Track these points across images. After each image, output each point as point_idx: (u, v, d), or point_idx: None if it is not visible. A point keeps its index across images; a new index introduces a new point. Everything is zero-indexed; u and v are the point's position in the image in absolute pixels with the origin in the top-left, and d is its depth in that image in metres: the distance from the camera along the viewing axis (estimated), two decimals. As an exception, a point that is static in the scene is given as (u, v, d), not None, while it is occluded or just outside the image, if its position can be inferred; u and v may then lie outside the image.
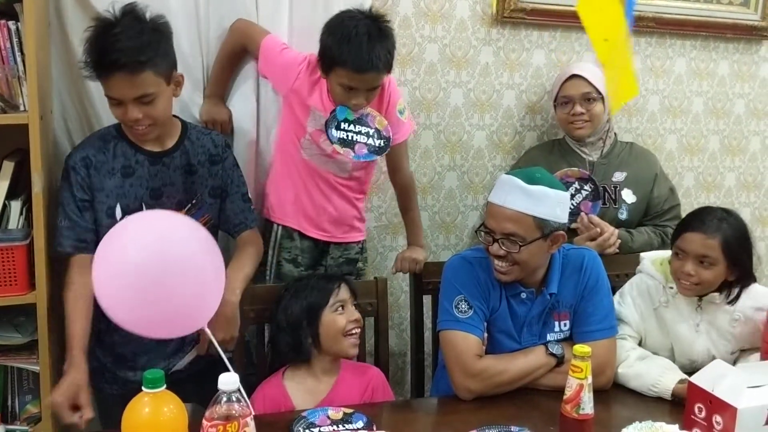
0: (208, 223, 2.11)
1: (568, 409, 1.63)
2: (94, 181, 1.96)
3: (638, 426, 1.57)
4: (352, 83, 2.15)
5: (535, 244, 1.89)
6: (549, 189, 1.90)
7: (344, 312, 1.98)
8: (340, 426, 1.74)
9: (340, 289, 2.00)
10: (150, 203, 2.01)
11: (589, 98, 2.55)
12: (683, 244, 2.00)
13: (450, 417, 1.85)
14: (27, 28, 1.89)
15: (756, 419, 1.55)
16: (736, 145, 3.24)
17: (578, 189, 2.50)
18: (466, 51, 2.74)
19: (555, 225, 1.91)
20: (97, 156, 1.97)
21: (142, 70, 1.83)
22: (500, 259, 1.92)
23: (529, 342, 2.00)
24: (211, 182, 2.10)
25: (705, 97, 3.14)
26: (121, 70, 1.81)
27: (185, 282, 1.64)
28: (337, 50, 2.11)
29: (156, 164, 2.01)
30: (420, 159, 2.77)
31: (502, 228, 1.90)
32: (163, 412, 1.37)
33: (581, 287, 2.01)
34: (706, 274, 1.97)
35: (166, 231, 1.71)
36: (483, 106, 2.81)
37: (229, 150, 2.18)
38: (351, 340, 1.97)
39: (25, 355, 2.06)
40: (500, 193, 1.92)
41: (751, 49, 3.15)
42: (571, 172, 2.51)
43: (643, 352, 2.05)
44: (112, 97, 1.88)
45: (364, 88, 2.17)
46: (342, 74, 2.13)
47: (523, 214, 1.88)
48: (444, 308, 2.00)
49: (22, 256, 1.97)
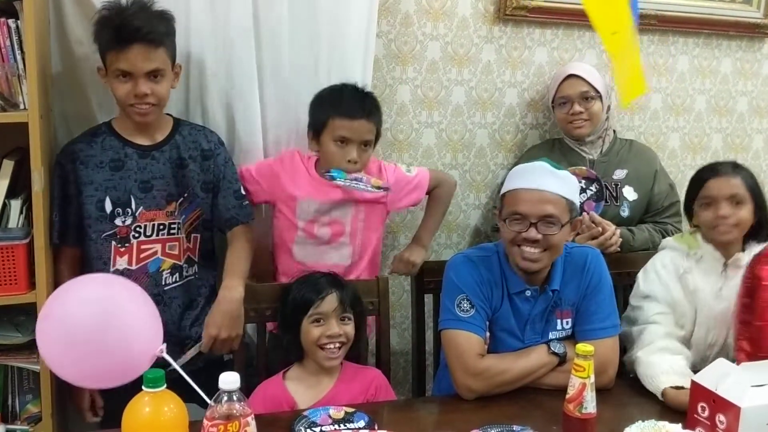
0: (200, 217, 2.15)
1: (571, 408, 1.63)
2: (81, 175, 2.02)
3: (641, 425, 1.56)
4: (346, 133, 2.19)
5: (567, 228, 1.92)
6: (570, 175, 1.97)
7: (322, 325, 1.94)
8: (341, 425, 1.73)
9: (324, 300, 1.95)
10: (140, 196, 2.06)
11: (587, 97, 2.55)
12: (709, 191, 2.04)
13: (452, 416, 1.84)
14: (27, 26, 1.88)
15: (760, 418, 1.54)
16: (739, 143, 3.23)
17: (584, 188, 2.50)
18: (468, 49, 2.73)
19: (577, 209, 1.96)
20: (85, 150, 2.03)
21: (160, 44, 1.96)
22: (533, 245, 1.90)
23: (531, 340, 1.99)
24: (203, 177, 2.14)
25: (708, 95, 3.12)
26: (141, 41, 1.92)
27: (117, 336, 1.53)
28: (329, 102, 2.23)
29: (145, 157, 2.06)
30: (422, 158, 2.76)
31: (540, 210, 1.89)
32: (163, 412, 1.37)
33: (584, 285, 2.01)
34: (740, 212, 2.02)
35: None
36: (485, 105, 2.80)
37: (222, 147, 2.21)
38: (326, 354, 1.93)
39: (26, 355, 2.04)
40: (531, 178, 1.93)
41: (754, 47, 3.14)
42: (578, 170, 2.51)
43: (668, 344, 2.02)
44: (124, 71, 1.95)
45: (357, 139, 2.20)
46: (335, 126, 2.19)
47: (559, 195, 1.90)
48: (446, 307, 2.00)
49: (22, 255, 1.96)
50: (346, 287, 2.02)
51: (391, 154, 2.68)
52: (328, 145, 2.22)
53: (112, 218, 2.05)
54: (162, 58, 1.98)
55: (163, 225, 2.10)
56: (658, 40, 2.98)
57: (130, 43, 1.91)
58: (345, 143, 2.21)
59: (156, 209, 2.08)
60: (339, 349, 1.94)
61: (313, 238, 2.28)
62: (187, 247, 2.16)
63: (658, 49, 2.99)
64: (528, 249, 1.91)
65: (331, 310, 1.95)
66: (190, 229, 2.15)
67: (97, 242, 2.06)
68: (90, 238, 2.06)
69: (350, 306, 1.99)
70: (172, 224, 2.11)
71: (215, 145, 2.18)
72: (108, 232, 2.05)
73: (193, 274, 2.18)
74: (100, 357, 1.50)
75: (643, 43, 2.95)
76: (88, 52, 2.13)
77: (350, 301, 2.00)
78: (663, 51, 3.00)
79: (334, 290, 1.98)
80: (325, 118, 2.21)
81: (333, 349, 1.93)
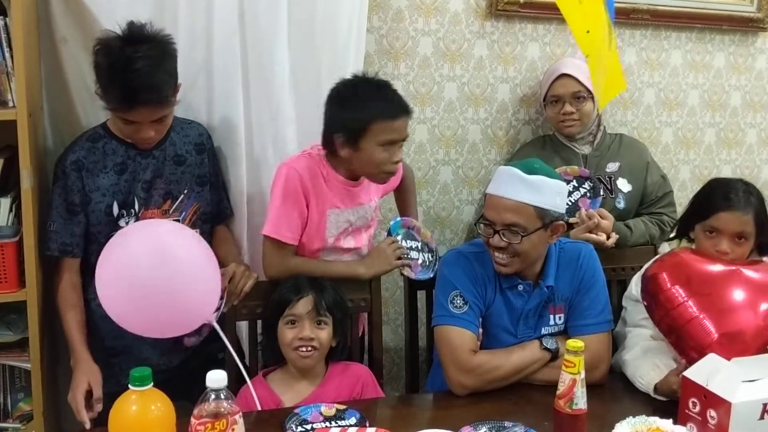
0: (198, 211, 2.15)
1: (562, 404, 1.62)
2: (87, 183, 1.99)
3: (632, 421, 1.56)
4: (395, 135, 2.02)
5: (536, 234, 1.89)
6: (548, 179, 1.91)
7: (295, 327, 1.92)
8: (333, 422, 1.73)
9: (299, 302, 1.92)
10: (142, 196, 2.05)
11: (579, 97, 2.54)
12: (719, 224, 1.99)
13: (444, 412, 1.83)
14: (15, 23, 1.87)
15: (751, 414, 1.54)
16: (733, 138, 3.22)
17: (576, 187, 2.49)
18: (460, 44, 2.72)
19: (555, 214, 1.92)
20: (88, 157, 2.00)
21: (167, 103, 1.93)
22: (501, 251, 1.91)
23: (525, 335, 1.99)
24: (198, 171, 2.14)
25: (701, 90, 3.12)
26: (147, 105, 1.88)
27: (186, 283, 1.71)
28: (366, 106, 2.00)
29: (147, 157, 2.05)
30: (414, 154, 2.75)
31: (502, 219, 1.89)
32: (150, 410, 1.36)
33: (577, 281, 2.01)
34: (740, 250, 1.99)
35: (165, 236, 1.82)
36: (477, 100, 2.80)
37: (210, 138, 2.21)
38: (299, 355, 1.90)
39: (17, 353, 2.05)
40: (499, 185, 1.92)
41: (747, 41, 3.13)
42: (570, 170, 2.50)
43: (652, 344, 2.02)
44: (128, 121, 1.93)
45: (401, 138, 2.05)
46: (381, 129, 1.99)
47: (524, 204, 1.88)
48: (439, 303, 1.99)
49: (11, 254, 1.96)
50: (325, 290, 1.98)
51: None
52: (372, 150, 2.01)
53: (117, 220, 2.03)
54: (168, 107, 1.96)
55: None
56: (650, 35, 2.97)
57: (136, 107, 1.88)
58: (392, 145, 2.04)
59: (154, 207, 2.07)
60: (311, 352, 1.90)
61: (340, 250, 2.20)
62: None
63: (651, 43, 2.98)
64: (497, 254, 1.93)
65: (305, 312, 1.92)
66: (190, 224, 2.14)
67: (102, 246, 2.01)
68: (99, 242, 1.97)
69: (327, 310, 1.95)
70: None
71: (206, 138, 2.18)
72: (112, 233, 2.02)
73: None
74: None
75: (635, 37, 2.95)
76: (73, 51, 2.12)
77: (328, 306, 1.95)
78: (656, 46, 2.99)
79: (311, 292, 1.94)
80: (368, 121, 1.99)
81: (305, 351, 1.90)
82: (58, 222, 1.99)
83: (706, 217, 2.01)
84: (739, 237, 1.98)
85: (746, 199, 2.00)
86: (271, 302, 2.00)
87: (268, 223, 2.08)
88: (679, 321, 1.83)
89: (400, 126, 2.03)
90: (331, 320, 1.95)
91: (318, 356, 1.93)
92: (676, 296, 1.85)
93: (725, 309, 1.82)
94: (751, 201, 2.00)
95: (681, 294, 1.85)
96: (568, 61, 2.67)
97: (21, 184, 1.92)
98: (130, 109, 1.89)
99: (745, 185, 2.05)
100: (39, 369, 2.00)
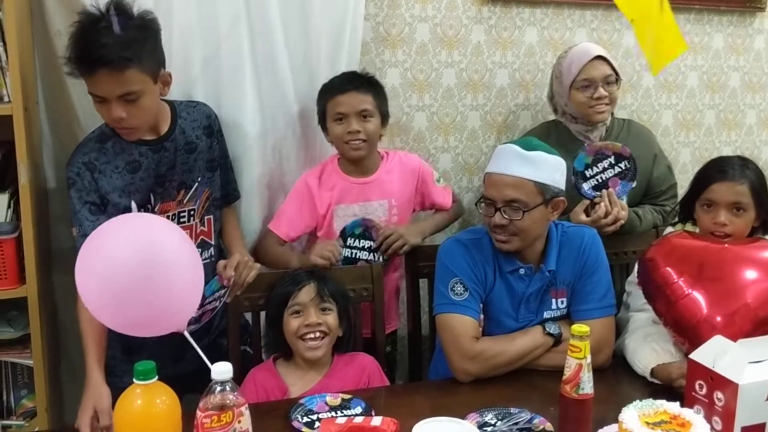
0: (210, 197, 2.11)
1: (568, 389, 1.61)
2: (101, 185, 1.93)
3: (639, 404, 1.55)
4: (341, 108, 2.24)
5: (537, 210, 1.90)
6: (546, 154, 1.92)
7: (301, 315, 1.93)
8: (338, 412, 1.72)
9: (301, 291, 1.94)
10: (158, 191, 2.01)
11: (610, 81, 2.46)
12: (713, 195, 2.00)
13: (449, 400, 1.83)
14: (8, 17, 1.85)
15: (758, 395, 1.53)
16: (732, 119, 3.21)
17: (612, 164, 2.37)
18: (458, 30, 2.70)
19: (555, 190, 1.92)
20: (99, 158, 1.94)
21: (126, 67, 1.79)
22: (502, 228, 1.91)
23: (526, 319, 1.99)
24: (208, 155, 2.10)
25: (700, 72, 3.10)
26: (105, 66, 1.77)
27: (168, 284, 1.57)
28: (322, 90, 2.30)
29: (158, 151, 1.99)
30: (413, 141, 2.74)
31: (503, 195, 1.89)
32: (155, 404, 1.35)
33: (580, 265, 2.01)
34: (738, 221, 1.98)
35: (150, 233, 1.66)
36: (476, 86, 2.78)
37: (218, 119, 2.17)
38: (306, 344, 1.91)
39: (19, 350, 2.04)
40: (499, 162, 1.92)
41: (745, 22, 3.12)
42: (612, 146, 2.39)
43: (653, 329, 2.01)
44: (95, 95, 1.84)
45: (353, 111, 2.24)
46: (331, 106, 2.26)
47: (524, 179, 1.88)
48: (439, 291, 1.99)
49: (11, 250, 1.94)
50: (326, 278, 2.01)
51: (382, 138, 2.65)
52: (332, 129, 2.27)
53: None
54: (134, 79, 1.81)
55: (174, 215, 2.05)
56: (649, 17, 2.95)
57: (95, 68, 1.78)
58: (343, 119, 2.24)
59: (169, 200, 2.03)
60: (320, 339, 1.91)
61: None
62: (201, 231, 2.11)
63: (649, 26, 2.96)
64: (497, 234, 1.93)
65: (309, 299, 1.93)
66: (203, 211, 2.11)
67: None
68: None
69: (331, 296, 1.96)
70: (182, 212, 2.06)
71: (213, 119, 2.13)
72: None
73: (208, 257, 2.13)
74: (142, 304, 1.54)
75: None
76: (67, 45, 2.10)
77: (331, 292, 1.97)
78: (654, 28, 2.97)
79: (312, 281, 1.96)
80: (323, 104, 2.28)
81: (314, 338, 1.90)
82: (86, 225, 1.89)
83: (702, 191, 2.02)
84: (737, 208, 1.98)
85: (741, 171, 2.00)
86: (273, 298, 2.00)
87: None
88: (672, 298, 1.86)
89: (348, 99, 2.23)
90: (335, 306, 1.96)
91: (327, 343, 1.93)
92: (669, 275, 1.88)
93: (721, 289, 1.84)
94: (746, 173, 2.00)
95: (672, 274, 1.88)
96: (590, 44, 2.57)
97: (19, 179, 1.90)
98: (90, 73, 1.80)
99: (742, 160, 2.05)
100: (42, 365, 1.98)
